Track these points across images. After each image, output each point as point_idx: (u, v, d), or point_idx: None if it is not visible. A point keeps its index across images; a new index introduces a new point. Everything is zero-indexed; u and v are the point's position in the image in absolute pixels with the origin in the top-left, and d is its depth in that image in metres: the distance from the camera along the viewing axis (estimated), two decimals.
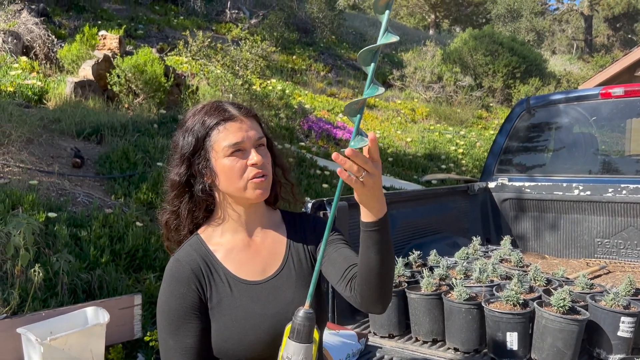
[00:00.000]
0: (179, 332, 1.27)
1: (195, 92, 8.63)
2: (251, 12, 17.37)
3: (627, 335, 2.06)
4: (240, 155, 1.29)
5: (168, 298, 1.30)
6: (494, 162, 4.05)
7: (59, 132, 6.28)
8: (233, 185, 1.30)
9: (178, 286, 1.29)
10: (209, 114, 1.32)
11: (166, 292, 1.31)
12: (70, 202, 4.78)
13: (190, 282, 1.29)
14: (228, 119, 1.30)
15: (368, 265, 1.20)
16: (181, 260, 1.32)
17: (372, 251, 1.18)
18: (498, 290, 2.28)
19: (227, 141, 1.28)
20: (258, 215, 1.39)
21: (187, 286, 1.29)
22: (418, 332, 2.34)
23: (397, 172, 9.08)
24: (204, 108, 1.35)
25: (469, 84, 15.92)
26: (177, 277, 1.30)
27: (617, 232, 3.61)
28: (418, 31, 29.06)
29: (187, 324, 1.28)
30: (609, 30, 36.73)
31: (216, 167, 1.30)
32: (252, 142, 1.30)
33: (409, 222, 3.22)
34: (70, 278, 3.77)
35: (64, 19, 12.40)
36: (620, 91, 3.66)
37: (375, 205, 1.15)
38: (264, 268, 1.36)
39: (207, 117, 1.31)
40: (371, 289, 1.23)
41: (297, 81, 14.13)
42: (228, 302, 1.29)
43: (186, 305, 1.28)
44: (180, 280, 1.30)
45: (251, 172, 1.29)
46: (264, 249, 1.37)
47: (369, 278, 1.21)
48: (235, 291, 1.30)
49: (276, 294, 1.33)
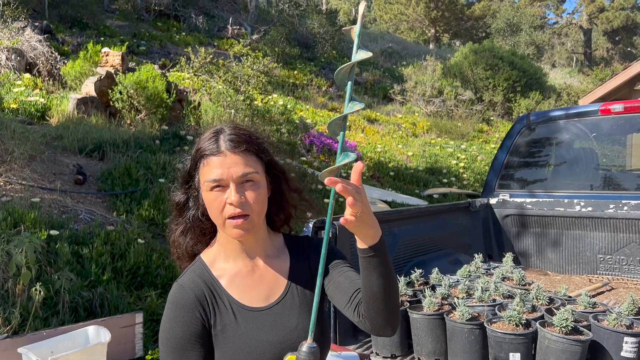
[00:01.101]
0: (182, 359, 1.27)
1: (197, 107, 8.68)
2: (253, 27, 17.53)
3: (631, 355, 2.05)
4: (222, 191, 1.26)
5: (171, 325, 1.28)
6: (495, 178, 4.05)
7: (61, 149, 6.31)
8: (214, 219, 1.30)
9: (182, 313, 1.28)
10: (204, 142, 1.31)
11: (169, 318, 1.29)
12: (72, 220, 4.79)
13: (194, 309, 1.28)
14: (212, 154, 1.27)
15: (372, 290, 1.19)
16: (185, 287, 1.31)
17: (374, 276, 1.18)
18: (500, 310, 2.28)
19: (207, 176, 1.27)
20: (259, 242, 1.37)
21: (190, 313, 1.28)
22: (420, 352, 2.33)
23: (399, 187, 9.08)
24: (207, 134, 1.34)
25: (469, 97, 15.99)
26: (181, 304, 1.29)
27: (620, 248, 3.60)
28: (418, 45, 29.25)
29: (191, 351, 1.27)
30: (608, 44, 36.93)
31: (203, 197, 1.31)
32: (234, 179, 1.25)
33: (411, 240, 3.21)
34: (71, 296, 3.76)
35: (67, 36, 12.52)
36: (620, 107, 3.67)
37: (368, 231, 1.14)
38: (267, 294, 1.34)
39: (201, 146, 1.31)
40: (379, 313, 1.22)
41: (299, 96, 14.20)
42: (232, 329, 1.28)
43: (190, 333, 1.27)
44: (184, 307, 1.29)
45: (228, 210, 1.25)
46: (268, 275, 1.36)
47: (375, 303, 1.21)
48: (239, 318, 1.29)
49: (280, 321, 1.31)
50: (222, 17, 18.29)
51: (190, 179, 1.34)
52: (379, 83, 17.81)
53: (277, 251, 1.40)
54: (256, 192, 1.27)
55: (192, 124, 8.18)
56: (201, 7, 18.41)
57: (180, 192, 1.37)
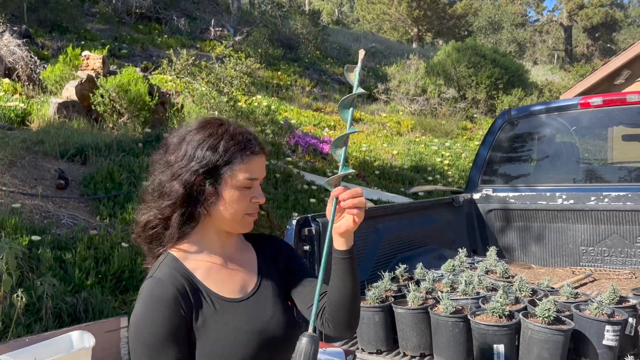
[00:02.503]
0: (159, 357, 1.22)
1: (181, 110, 8.63)
2: (235, 29, 17.47)
3: (612, 343, 2.07)
4: (250, 189, 1.31)
5: (149, 322, 1.22)
6: (478, 173, 4.08)
7: (42, 154, 6.23)
8: (232, 214, 1.30)
9: (161, 308, 1.23)
10: (235, 139, 1.30)
11: (146, 315, 1.23)
12: (55, 225, 4.73)
13: (176, 304, 1.25)
14: (254, 152, 1.31)
15: (346, 291, 1.32)
16: (164, 280, 1.26)
17: (350, 277, 1.31)
18: (484, 302, 2.29)
19: (247, 174, 1.29)
20: (234, 238, 1.41)
21: (171, 308, 1.24)
22: (406, 347, 2.33)
23: (384, 185, 9.11)
24: (229, 129, 1.32)
25: (452, 95, 16.10)
26: (161, 299, 1.24)
27: (601, 240, 3.64)
28: (401, 45, 29.39)
29: (168, 350, 1.22)
30: (588, 40, 37.43)
31: (223, 192, 1.28)
32: (261, 180, 1.34)
33: (395, 236, 3.22)
34: (54, 302, 3.71)
35: (46, 40, 12.37)
36: (599, 101, 3.72)
37: (350, 235, 1.31)
38: (242, 285, 1.37)
39: (233, 142, 1.30)
40: (348, 314, 1.35)
41: (283, 97, 14.19)
42: (214, 321, 1.28)
43: (169, 330, 1.23)
44: (164, 302, 1.24)
45: (253, 208, 1.33)
46: (240, 267, 1.38)
47: (346, 303, 1.33)
48: (219, 310, 1.29)
49: (257, 311, 1.34)
50: (204, 19, 18.20)
51: (209, 170, 1.27)
52: (363, 83, 17.82)
53: (245, 245, 1.44)
54: None
55: (176, 126, 8.12)
56: (183, 9, 18.31)
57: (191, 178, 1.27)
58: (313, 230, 2.44)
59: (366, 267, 2.87)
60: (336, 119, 13.27)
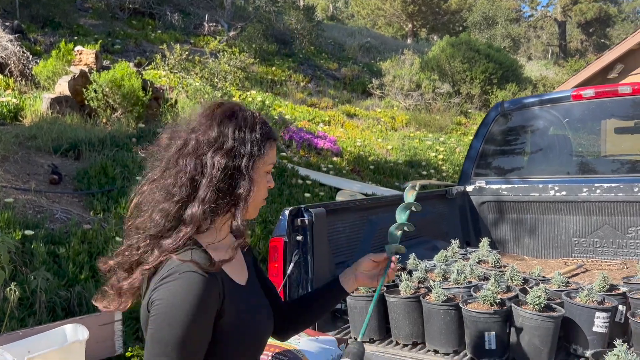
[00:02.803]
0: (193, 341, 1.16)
1: (174, 105, 8.61)
2: (229, 24, 17.41)
3: (602, 330, 2.09)
4: (268, 174, 1.36)
5: (193, 327, 1.15)
6: (471, 166, 4.09)
7: (35, 149, 6.20)
8: (255, 198, 1.31)
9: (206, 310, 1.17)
10: (267, 127, 1.35)
11: (190, 320, 1.15)
12: (48, 219, 4.72)
13: (216, 286, 1.21)
14: (276, 139, 1.38)
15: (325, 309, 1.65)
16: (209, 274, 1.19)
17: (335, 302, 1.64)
18: (476, 291, 2.30)
19: (273, 158, 1.36)
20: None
21: (213, 309, 1.20)
22: (398, 335, 2.35)
23: (379, 180, 9.13)
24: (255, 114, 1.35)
25: (447, 91, 16.12)
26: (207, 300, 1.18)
27: (593, 231, 3.67)
28: (396, 40, 29.37)
29: (203, 333, 1.19)
30: (582, 35, 37.51)
31: (255, 175, 1.29)
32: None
33: (388, 227, 3.23)
34: (48, 296, 3.71)
35: (39, 36, 12.30)
36: (591, 93, 3.74)
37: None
38: (243, 273, 1.41)
39: (269, 129, 1.35)
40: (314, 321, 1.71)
41: (277, 92, 14.16)
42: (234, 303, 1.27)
43: (209, 313, 1.19)
44: (209, 303, 1.19)
45: (266, 193, 1.37)
46: (239, 255, 1.40)
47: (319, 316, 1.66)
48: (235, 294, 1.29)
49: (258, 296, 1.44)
50: (198, 15, 18.13)
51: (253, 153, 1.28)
52: (358, 78, 17.85)
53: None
54: None
55: (169, 121, 8.09)
56: (176, 5, 18.22)
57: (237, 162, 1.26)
58: (306, 221, 2.45)
59: (359, 257, 2.87)
60: (331, 114, 13.27)
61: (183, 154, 1.28)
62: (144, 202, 1.31)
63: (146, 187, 1.33)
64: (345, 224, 2.83)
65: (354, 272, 1.57)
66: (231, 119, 1.30)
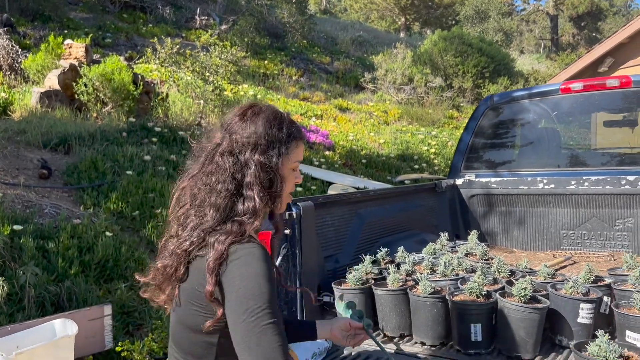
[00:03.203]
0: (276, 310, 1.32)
1: (165, 99, 8.56)
2: (221, 18, 17.32)
3: (587, 321, 2.11)
4: (295, 171, 1.51)
5: (269, 277, 1.32)
6: (461, 159, 4.11)
7: (24, 144, 6.16)
8: (285, 193, 1.47)
9: (271, 268, 1.37)
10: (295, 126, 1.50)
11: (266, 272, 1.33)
12: (37, 214, 4.69)
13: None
14: (302, 139, 1.52)
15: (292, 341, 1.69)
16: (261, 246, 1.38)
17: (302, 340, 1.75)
18: (463, 283, 2.32)
19: (300, 155, 1.49)
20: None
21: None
22: (386, 327, 2.36)
23: (371, 174, 9.13)
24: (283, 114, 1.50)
25: (439, 84, 16.12)
26: (268, 259, 1.36)
27: (581, 224, 3.69)
28: (389, 34, 29.32)
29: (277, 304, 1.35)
30: (574, 29, 37.60)
31: (283, 171, 1.44)
32: None
33: (378, 221, 3.24)
34: (37, 291, 3.69)
35: (28, 29, 12.18)
36: (580, 86, 3.75)
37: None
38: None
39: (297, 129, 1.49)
40: None
41: (270, 86, 14.12)
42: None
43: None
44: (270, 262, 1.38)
45: (293, 188, 1.51)
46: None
47: None
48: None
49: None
50: (190, 8, 18.01)
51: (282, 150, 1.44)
52: (350, 72, 17.82)
53: None
54: None
55: (160, 115, 8.07)
56: None
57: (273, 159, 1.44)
58: (294, 214, 2.45)
59: (348, 251, 2.89)
60: (323, 108, 13.25)
61: (219, 152, 1.43)
62: (184, 196, 1.46)
63: (185, 182, 1.47)
64: (334, 218, 2.83)
65: (331, 325, 1.73)
66: (262, 118, 1.44)
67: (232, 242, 1.34)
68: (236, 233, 1.36)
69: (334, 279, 2.58)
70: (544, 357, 2.10)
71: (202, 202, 1.40)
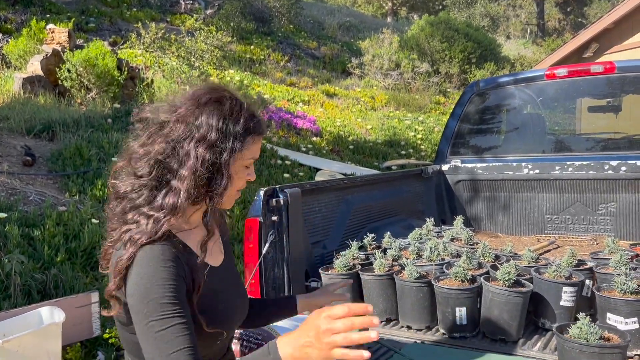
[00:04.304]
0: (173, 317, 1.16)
1: (151, 85, 8.47)
2: (206, 2, 17.09)
3: (569, 304, 2.15)
4: (248, 168, 1.37)
5: (160, 281, 1.17)
6: (446, 145, 4.13)
7: (7, 130, 6.07)
8: (231, 190, 1.32)
9: (170, 269, 1.19)
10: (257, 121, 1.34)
11: (156, 275, 1.18)
12: (22, 202, 4.64)
13: (179, 266, 1.23)
14: (262, 134, 1.35)
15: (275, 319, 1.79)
16: (165, 245, 1.23)
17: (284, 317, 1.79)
18: (448, 268, 2.35)
19: (254, 153, 1.34)
20: (216, 214, 1.49)
21: (177, 269, 1.21)
22: (372, 312, 2.38)
23: (358, 160, 9.15)
24: (243, 105, 1.33)
25: (426, 70, 16.12)
26: (167, 260, 1.20)
27: (565, 208, 3.75)
28: (376, 19, 29.17)
29: (181, 309, 1.19)
30: (560, 15, 37.70)
31: (232, 168, 1.30)
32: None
33: (364, 206, 3.26)
34: (23, 279, 3.67)
35: (9, 14, 11.93)
36: (564, 72, 3.78)
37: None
38: (218, 256, 1.47)
39: (257, 123, 1.33)
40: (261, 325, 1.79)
41: (256, 71, 14.02)
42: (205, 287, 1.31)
43: (179, 289, 1.20)
44: (170, 262, 1.21)
45: (243, 186, 1.37)
46: (215, 237, 1.46)
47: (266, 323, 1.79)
48: (207, 276, 1.33)
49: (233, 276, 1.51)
50: None
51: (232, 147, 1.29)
52: (337, 57, 17.74)
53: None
54: None
55: (146, 101, 7.98)
56: None
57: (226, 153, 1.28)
58: (281, 201, 2.46)
59: (335, 237, 2.90)
60: (310, 94, 13.20)
61: (160, 134, 1.27)
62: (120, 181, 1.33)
63: (120, 163, 1.33)
64: (321, 204, 2.84)
65: (310, 301, 1.77)
66: (218, 108, 1.28)
67: (145, 243, 1.21)
68: (150, 233, 1.22)
69: (321, 264, 2.60)
70: (527, 340, 2.14)
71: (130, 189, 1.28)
